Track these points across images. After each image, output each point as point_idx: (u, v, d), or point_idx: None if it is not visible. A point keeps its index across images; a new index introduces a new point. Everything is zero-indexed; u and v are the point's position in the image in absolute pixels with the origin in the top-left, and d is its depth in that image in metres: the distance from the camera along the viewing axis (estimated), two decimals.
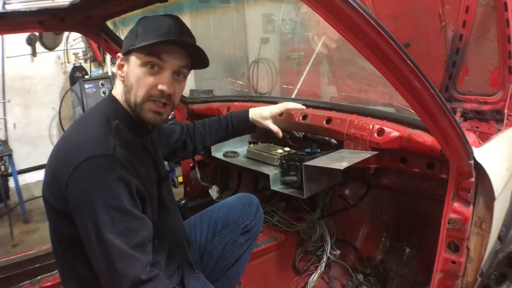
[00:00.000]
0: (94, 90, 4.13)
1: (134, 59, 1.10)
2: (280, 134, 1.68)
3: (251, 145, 1.97)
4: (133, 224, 0.98)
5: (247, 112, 1.68)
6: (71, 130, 1.11)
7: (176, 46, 1.10)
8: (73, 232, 1.00)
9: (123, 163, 0.99)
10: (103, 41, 1.75)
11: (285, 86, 4.02)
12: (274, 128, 1.67)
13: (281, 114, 1.74)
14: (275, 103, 1.93)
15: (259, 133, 1.99)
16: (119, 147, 1.00)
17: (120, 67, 1.15)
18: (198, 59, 1.18)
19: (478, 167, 1.13)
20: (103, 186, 0.95)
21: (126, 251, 0.94)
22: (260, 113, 1.67)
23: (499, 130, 1.80)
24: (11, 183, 3.99)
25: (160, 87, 1.09)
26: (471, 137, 1.19)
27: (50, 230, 1.11)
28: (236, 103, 2.12)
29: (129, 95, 1.11)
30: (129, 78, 1.11)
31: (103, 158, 0.97)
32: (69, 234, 1.02)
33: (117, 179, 0.97)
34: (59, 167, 1.00)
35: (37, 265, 1.69)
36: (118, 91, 1.16)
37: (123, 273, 0.94)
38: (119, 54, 1.15)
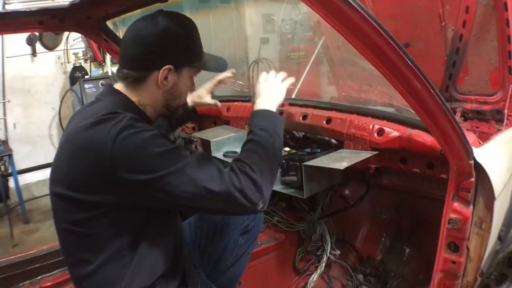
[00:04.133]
0: (94, 90, 4.13)
1: (187, 72, 1.18)
2: (219, 104, 1.80)
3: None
4: (185, 153, 1.03)
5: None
6: (80, 120, 1.07)
7: None
8: (100, 222, 1.02)
9: (146, 124, 1.03)
10: (103, 41, 1.75)
11: None
12: (213, 101, 1.79)
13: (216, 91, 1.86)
14: None
15: None
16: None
17: (166, 78, 1.13)
18: None
19: (478, 167, 1.13)
20: (147, 145, 0.97)
21: (197, 166, 0.99)
22: (197, 95, 1.77)
23: (499, 130, 1.80)
24: (11, 183, 3.99)
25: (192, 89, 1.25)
26: (471, 137, 1.20)
27: (61, 225, 1.09)
28: (236, 103, 2.12)
29: (174, 101, 1.20)
30: (179, 88, 1.18)
31: (131, 126, 0.99)
32: (91, 226, 1.03)
33: (153, 134, 1.00)
34: (92, 157, 0.98)
35: (37, 265, 1.69)
36: (125, 89, 1.15)
37: (209, 181, 0.97)
38: (169, 67, 1.11)
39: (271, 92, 1.31)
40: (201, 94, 1.78)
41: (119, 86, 1.16)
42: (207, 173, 0.98)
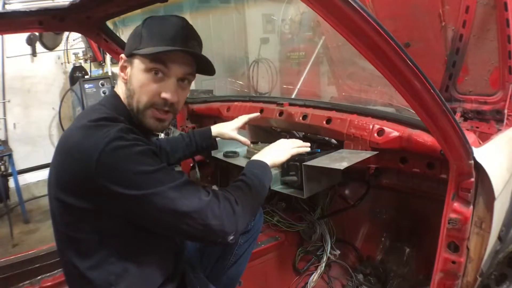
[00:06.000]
0: (94, 90, 4.13)
1: (138, 63, 1.08)
2: (248, 143, 1.73)
3: (251, 145, 1.97)
4: (172, 172, 1.02)
5: (210, 129, 1.74)
6: (77, 120, 1.07)
7: (183, 53, 1.09)
8: (86, 227, 1.01)
9: (138, 138, 1.01)
10: (103, 41, 1.75)
11: (285, 86, 4.03)
12: (242, 138, 1.72)
13: (243, 126, 1.82)
14: (275, 103, 1.94)
15: (259, 133, 1.99)
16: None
17: (123, 68, 1.13)
18: (204, 65, 1.17)
19: (478, 167, 1.13)
20: (134, 161, 0.95)
21: (180, 191, 0.97)
22: (225, 126, 1.74)
23: (499, 130, 1.80)
24: (11, 183, 3.98)
25: (163, 95, 1.08)
26: (471, 137, 1.19)
27: (55, 225, 1.09)
28: (236, 103, 2.12)
29: (131, 99, 1.10)
30: (132, 82, 1.09)
31: (121, 138, 0.96)
32: (84, 231, 1.02)
33: (142, 150, 0.98)
34: (78, 161, 0.96)
35: (37, 265, 1.69)
36: (120, 91, 1.15)
37: (188, 206, 0.97)
38: (122, 56, 1.13)
39: (274, 151, 1.35)
40: (230, 127, 1.73)
41: (117, 87, 1.17)
42: (188, 198, 0.97)
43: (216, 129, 1.74)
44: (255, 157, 1.30)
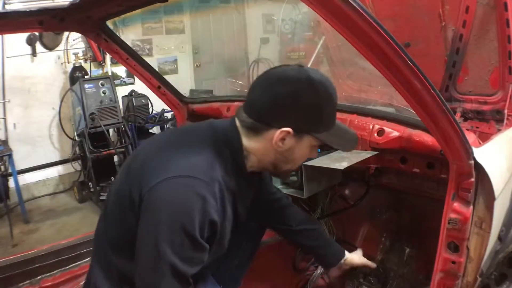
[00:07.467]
0: (94, 90, 4.13)
1: (310, 141, 1.10)
2: (374, 265, 1.71)
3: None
4: (196, 255, 1.00)
5: (340, 258, 1.63)
6: (177, 144, 1.09)
7: None
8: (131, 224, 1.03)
9: (215, 196, 1.00)
10: (103, 41, 1.75)
11: None
12: (369, 262, 1.69)
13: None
14: None
15: None
16: (220, 180, 1.02)
17: (283, 140, 1.07)
18: None
19: (478, 167, 1.13)
20: (186, 209, 0.95)
21: (172, 275, 0.96)
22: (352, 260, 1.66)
23: (499, 130, 1.80)
24: (11, 183, 3.98)
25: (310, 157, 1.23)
26: (471, 137, 1.19)
27: (106, 215, 1.14)
28: (236, 103, 2.12)
29: (285, 164, 1.15)
30: (295, 153, 1.11)
31: (200, 182, 0.97)
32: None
33: (202, 209, 0.96)
34: (154, 171, 0.99)
35: (37, 265, 1.70)
36: (249, 140, 1.10)
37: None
38: (289, 130, 1.04)
39: None
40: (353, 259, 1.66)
41: (237, 122, 1.13)
42: (166, 282, 0.96)
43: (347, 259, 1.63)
44: None
